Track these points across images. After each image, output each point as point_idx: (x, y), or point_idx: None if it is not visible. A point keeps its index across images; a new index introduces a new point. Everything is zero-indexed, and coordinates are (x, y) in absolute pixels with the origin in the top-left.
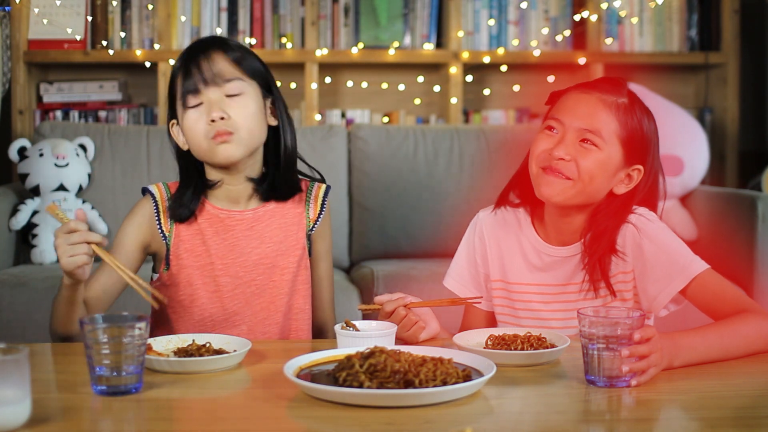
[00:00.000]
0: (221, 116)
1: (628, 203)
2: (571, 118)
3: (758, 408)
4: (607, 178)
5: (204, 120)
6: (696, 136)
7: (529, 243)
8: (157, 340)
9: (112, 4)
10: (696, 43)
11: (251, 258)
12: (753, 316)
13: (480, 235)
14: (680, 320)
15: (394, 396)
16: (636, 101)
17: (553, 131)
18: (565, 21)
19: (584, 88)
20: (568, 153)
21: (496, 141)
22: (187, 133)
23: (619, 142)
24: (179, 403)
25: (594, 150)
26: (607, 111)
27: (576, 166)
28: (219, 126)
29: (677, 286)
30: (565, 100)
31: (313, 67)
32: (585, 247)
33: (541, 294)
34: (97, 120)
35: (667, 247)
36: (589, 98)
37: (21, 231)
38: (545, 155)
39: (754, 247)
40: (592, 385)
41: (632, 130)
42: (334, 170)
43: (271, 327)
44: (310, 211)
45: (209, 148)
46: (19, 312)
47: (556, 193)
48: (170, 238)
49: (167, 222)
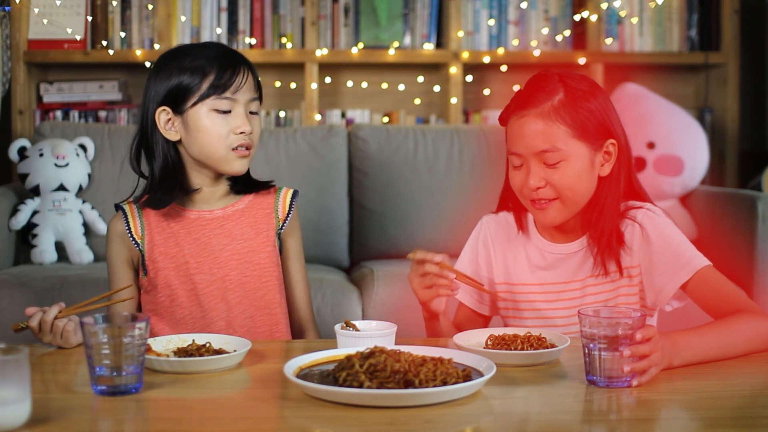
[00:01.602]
0: (250, 131)
1: (616, 179)
2: (523, 147)
3: (758, 408)
4: (588, 176)
5: (228, 127)
6: (696, 136)
7: (533, 243)
8: (157, 340)
9: (112, 4)
10: (696, 43)
11: (223, 254)
12: (751, 315)
13: (484, 239)
14: (680, 320)
15: (394, 396)
16: (571, 87)
17: (519, 165)
18: (565, 21)
19: (519, 109)
20: (541, 180)
21: (496, 141)
22: (204, 133)
23: (578, 139)
24: (179, 403)
25: (561, 164)
26: (550, 122)
27: (554, 187)
28: (245, 140)
29: (682, 278)
30: (511, 128)
31: (313, 67)
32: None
33: (545, 293)
34: (97, 120)
35: (672, 240)
36: (527, 119)
37: (21, 231)
38: (524, 190)
39: (754, 247)
40: (592, 385)
41: (582, 120)
42: (334, 170)
43: (247, 322)
44: (279, 212)
45: (226, 157)
46: (19, 312)
47: (551, 218)
48: (143, 245)
49: (138, 230)
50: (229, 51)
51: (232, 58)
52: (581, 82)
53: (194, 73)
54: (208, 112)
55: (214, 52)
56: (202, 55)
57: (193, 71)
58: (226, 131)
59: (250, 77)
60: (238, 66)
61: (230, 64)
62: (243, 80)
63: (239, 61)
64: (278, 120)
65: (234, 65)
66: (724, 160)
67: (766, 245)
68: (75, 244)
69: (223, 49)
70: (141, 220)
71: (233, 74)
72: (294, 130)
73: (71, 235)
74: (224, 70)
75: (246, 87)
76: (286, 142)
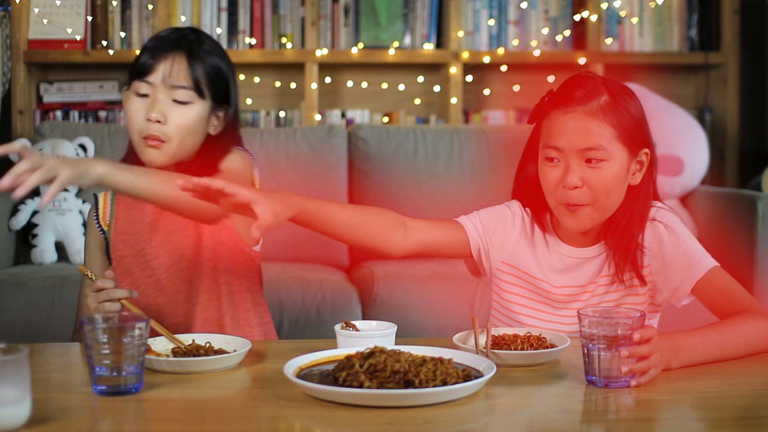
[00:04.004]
0: (158, 120)
1: (646, 189)
2: (566, 142)
3: (758, 408)
4: (622, 183)
5: (143, 112)
6: (696, 136)
7: (552, 246)
8: (157, 340)
9: (112, 4)
10: (696, 43)
11: (175, 237)
12: (753, 316)
13: (515, 217)
14: (680, 320)
15: (394, 396)
16: (614, 90)
17: (554, 161)
18: (565, 21)
19: (564, 106)
20: (580, 178)
21: (496, 141)
22: (127, 116)
23: (620, 143)
24: (179, 403)
25: (603, 165)
26: (597, 121)
27: (591, 189)
28: (153, 129)
29: (697, 275)
30: (552, 124)
31: (313, 67)
32: (609, 245)
33: (563, 295)
34: (97, 120)
35: (685, 239)
36: (574, 116)
37: (21, 231)
38: (558, 188)
39: (754, 247)
40: (592, 385)
41: (626, 123)
42: (334, 170)
43: (212, 312)
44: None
45: (139, 144)
46: (19, 312)
47: (582, 224)
48: (109, 233)
49: (106, 218)
50: (172, 36)
51: (166, 41)
52: (621, 87)
53: (137, 57)
54: (131, 95)
55: (161, 35)
56: (152, 39)
57: (137, 56)
58: (140, 116)
59: (183, 65)
60: (169, 51)
61: (161, 47)
62: (169, 66)
63: (174, 46)
64: (278, 120)
65: (165, 49)
66: (724, 160)
67: (766, 245)
68: (75, 244)
69: (169, 33)
70: (112, 207)
71: (157, 58)
72: (294, 130)
73: (71, 235)
74: (149, 53)
75: (173, 73)
76: (286, 142)
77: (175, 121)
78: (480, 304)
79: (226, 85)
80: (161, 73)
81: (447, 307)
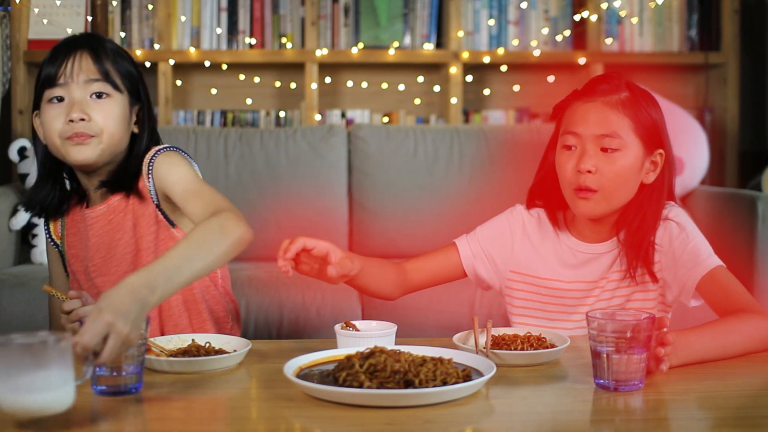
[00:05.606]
0: (81, 117)
1: (659, 189)
2: (584, 128)
3: (758, 408)
4: (635, 177)
5: (63, 117)
6: (696, 136)
7: (563, 241)
8: (157, 340)
9: (112, 4)
10: (696, 43)
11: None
12: (752, 315)
13: (513, 226)
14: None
15: (394, 396)
16: (636, 91)
17: (572, 148)
18: (565, 21)
19: (586, 96)
20: (594, 164)
21: (496, 141)
22: (45, 127)
23: (637, 137)
24: (179, 403)
25: (617, 155)
26: (616, 112)
27: (603, 177)
28: (78, 128)
29: (702, 271)
30: (572, 112)
31: (313, 67)
32: (622, 242)
33: (575, 290)
34: None
35: (695, 236)
36: (594, 105)
37: (21, 231)
38: (573, 173)
39: (754, 247)
40: (601, 389)
41: (644, 119)
42: (334, 170)
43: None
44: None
45: (63, 147)
46: (19, 312)
47: (591, 210)
48: (62, 246)
49: (58, 231)
50: (69, 39)
51: (66, 44)
52: (645, 91)
53: (39, 72)
54: (46, 105)
55: (58, 45)
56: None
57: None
58: (59, 122)
59: (87, 59)
60: (71, 51)
61: (62, 50)
62: (77, 63)
63: (75, 46)
64: (278, 120)
65: (67, 51)
66: (724, 160)
67: (766, 245)
68: None
69: (66, 39)
70: (63, 220)
71: (61, 61)
72: (294, 130)
73: None
74: (52, 59)
75: (83, 67)
76: (286, 142)
77: (99, 116)
78: (480, 304)
79: (136, 83)
80: (69, 70)
81: (447, 307)
